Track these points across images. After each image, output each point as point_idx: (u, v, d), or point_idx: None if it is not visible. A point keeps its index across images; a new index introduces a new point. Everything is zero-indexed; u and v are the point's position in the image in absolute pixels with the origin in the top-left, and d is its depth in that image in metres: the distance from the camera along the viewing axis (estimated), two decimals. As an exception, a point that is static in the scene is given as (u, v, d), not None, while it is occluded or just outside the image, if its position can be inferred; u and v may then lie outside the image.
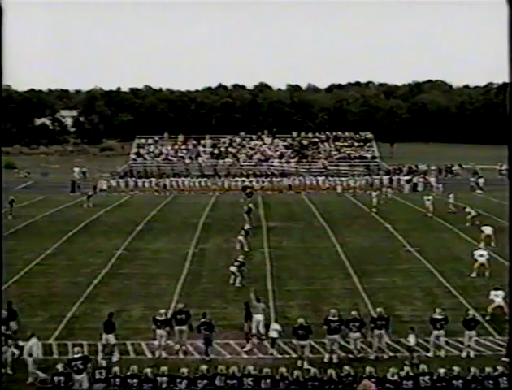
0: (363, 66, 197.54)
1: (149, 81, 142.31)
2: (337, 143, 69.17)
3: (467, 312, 20.64)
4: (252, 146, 68.98)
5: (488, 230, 32.03)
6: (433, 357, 18.56)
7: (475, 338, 19.18)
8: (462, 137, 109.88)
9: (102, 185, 56.60)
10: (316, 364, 17.74)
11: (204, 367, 16.49)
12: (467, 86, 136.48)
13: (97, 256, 31.37)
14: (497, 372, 16.18)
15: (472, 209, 38.64)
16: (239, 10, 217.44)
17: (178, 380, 16.14)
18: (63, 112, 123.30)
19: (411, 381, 16.05)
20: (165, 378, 16.16)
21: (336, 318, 18.96)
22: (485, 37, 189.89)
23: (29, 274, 28.03)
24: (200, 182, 57.72)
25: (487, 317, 21.36)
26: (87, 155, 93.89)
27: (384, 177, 58.61)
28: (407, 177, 58.35)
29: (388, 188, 53.10)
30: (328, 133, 71.86)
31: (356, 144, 69.17)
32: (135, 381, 16.12)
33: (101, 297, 24.73)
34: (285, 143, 69.37)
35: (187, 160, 66.13)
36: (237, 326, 20.93)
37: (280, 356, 18.99)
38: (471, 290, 25.10)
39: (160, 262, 30.25)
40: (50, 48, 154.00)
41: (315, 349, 19.26)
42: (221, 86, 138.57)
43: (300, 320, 19.10)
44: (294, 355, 18.73)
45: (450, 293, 24.77)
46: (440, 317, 19.21)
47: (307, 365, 17.99)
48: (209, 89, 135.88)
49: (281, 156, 66.42)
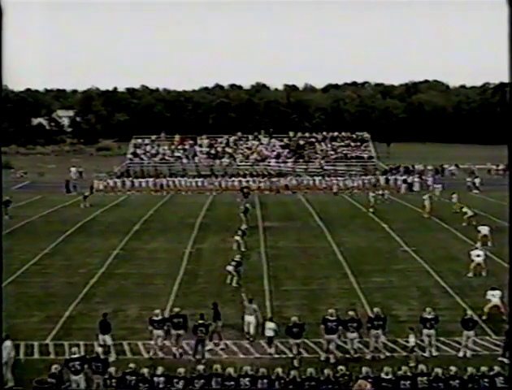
0: (360, 66, 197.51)
1: (145, 81, 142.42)
2: (334, 143, 69.23)
3: (465, 312, 20.67)
4: (249, 146, 68.98)
5: (485, 230, 32.08)
6: (430, 357, 18.58)
7: (473, 338, 19.20)
8: (459, 137, 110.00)
9: (99, 185, 56.61)
10: (313, 364, 17.73)
11: (201, 367, 16.48)
12: (464, 86, 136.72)
13: (93, 256, 31.35)
14: (493, 372, 16.17)
15: (469, 209, 38.68)
16: (236, 10, 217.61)
17: (175, 380, 16.11)
18: (60, 112, 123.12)
19: (409, 381, 16.04)
20: (162, 378, 16.13)
21: (334, 318, 18.98)
22: (482, 37, 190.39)
23: (26, 274, 27.99)
24: (197, 182, 57.69)
25: (483, 317, 21.37)
26: (83, 155, 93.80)
27: (381, 177, 58.71)
28: (403, 177, 58.45)
29: (385, 189, 53.14)
30: (325, 133, 71.93)
31: (353, 144, 69.21)
32: (133, 378, 16.11)
33: (97, 297, 24.71)
34: (282, 143, 69.38)
35: (184, 160, 66.11)
36: (234, 326, 20.93)
37: (277, 356, 19.00)
38: (468, 290, 25.13)
39: (157, 262, 30.23)
40: (47, 48, 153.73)
41: (312, 349, 19.29)
42: (218, 86, 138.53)
43: (293, 318, 19.17)
44: (291, 355, 18.74)
45: (447, 293, 24.79)
46: (430, 317, 19.24)
47: (297, 363, 18.10)
48: (205, 89, 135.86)
49: (278, 156, 66.43)
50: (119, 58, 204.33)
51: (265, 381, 16.04)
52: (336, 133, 71.61)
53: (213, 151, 67.65)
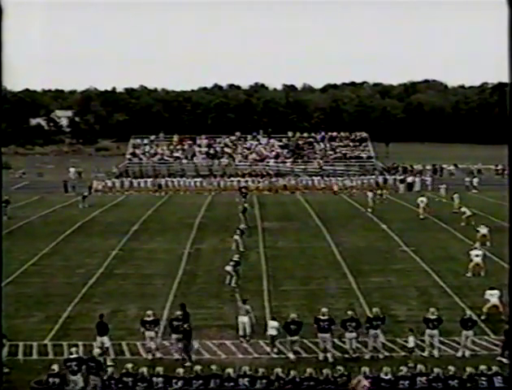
0: (358, 66, 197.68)
1: (144, 81, 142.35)
2: (333, 143, 69.24)
3: (464, 312, 20.67)
4: (247, 146, 68.97)
5: (484, 230, 32.09)
6: (428, 357, 18.58)
7: (472, 338, 19.20)
8: (458, 137, 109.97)
9: (97, 185, 56.60)
10: (312, 364, 17.74)
11: (199, 368, 16.47)
12: (462, 86, 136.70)
13: (92, 256, 31.33)
14: (492, 371, 16.18)
15: (468, 209, 38.70)
16: (234, 10, 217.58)
17: (174, 381, 16.11)
18: (58, 112, 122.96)
19: (408, 381, 16.05)
20: (160, 378, 16.13)
21: (326, 318, 19.01)
22: (481, 37, 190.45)
23: (25, 274, 27.98)
24: (195, 182, 57.68)
25: (482, 316, 21.38)
26: (82, 155, 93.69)
27: (379, 177, 58.77)
28: (401, 177, 58.50)
29: (384, 189, 53.17)
30: (324, 133, 71.90)
31: (351, 144, 69.21)
32: (130, 379, 16.09)
33: (96, 298, 24.70)
34: (281, 143, 69.37)
35: (182, 160, 66.09)
36: (233, 326, 20.91)
37: (276, 356, 19.00)
38: (467, 290, 25.13)
39: (156, 262, 30.21)
40: (45, 48, 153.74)
41: (310, 349, 19.30)
42: (216, 86, 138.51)
43: (292, 315, 19.24)
44: (288, 353, 18.76)
45: (445, 293, 24.79)
46: (434, 317, 19.22)
47: (292, 357, 18.18)
48: (204, 89, 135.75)
49: (277, 156, 66.42)
50: (118, 59, 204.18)
51: (264, 381, 16.05)
52: (335, 133, 71.64)
53: (212, 151, 67.63)
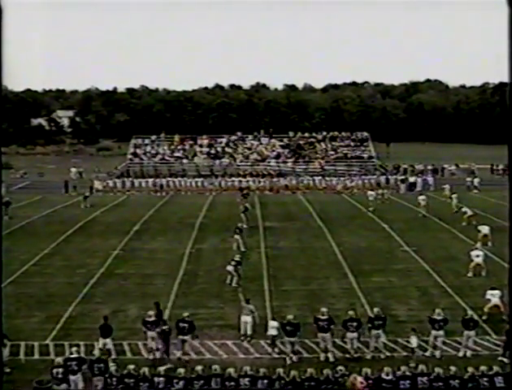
0: (359, 66, 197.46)
1: (145, 81, 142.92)
2: (334, 143, 69.21)
3: (466, 312, 20.66)
4: (248, 146, 68.96)
5: (485, 229, 32.06)
6: (430, 357, 18.57)
7: (473, 338, 19.19)
8: (459, 137, 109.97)
9: (99, 185, 56.63)
10: (313, 364, 17.74)
11: (200, 368, 16.47)
12: (463, 86, 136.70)
13: (93, 256, 31.34)
14: (493, 371, 16.16)
15: (469, 208, 38.68)
16: (235, 10, 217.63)
17: (175, 381, 16.12)
18: (60, 112, 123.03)
19: (408, 381, 16.05)
20: (162, 378, 16.14)
21: (326, 317, 19.01)
22: (481, 37, 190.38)
23: (26, 274, 27.98)
24: (196, 182, 57.65)
25: (483, 316, 21.36)
26: (83, 155, 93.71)
27: (381, 177, 58.77)
28: (402, 177, 58.51)
29: (385, 189, 53.16)
30: (325, 133, 71.92)
31: (352, 144, 69.20)
32: (131, 381, 16.10)
33: (97, 298, 24.70)
34: (282, 143, 69.33)
35: (183, 160, 66.09)
36: (234, 326, 20.91)
37: (277, 356, 19.00)
38: (468, 290, 25.11)
39: (157, 262, 30.22)
40: (46, 48, 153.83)
41: (312, 349, 19.30)
42: (217, 86, 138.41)
43: (289, 316, 19.23)
44: (291, 355, 18.75)
45: (446, 293, 24.78)
46: (440, 318, 19.19)
47: (289, 360, 18.17)
48: (205, 89, 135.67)
49: (278, 156, 66.41)
50: (119, 59, 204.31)
51: (265, 381, 16.05)
52: (336, 133, 71.62)
53: (213, 151, 67.63)
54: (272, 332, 19.47)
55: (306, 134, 72.55)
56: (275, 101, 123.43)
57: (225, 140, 70.41)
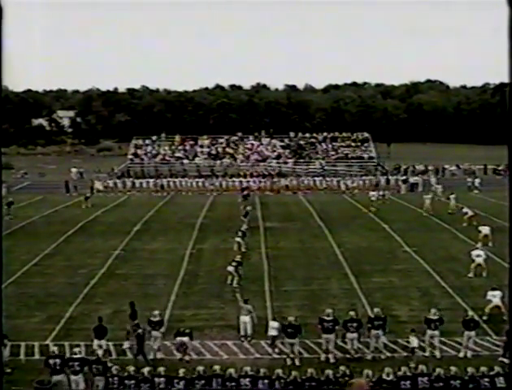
0: (360, 66, 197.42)
1: (146, 82, 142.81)
2: (334, 143, 69.21)
3: (466, 312, 20.65)
4: (249, 147, 68.97)
5: (486, 230, 32.05)
6: (429, 357, 18.56)
7: (474, 339, 19.18)
8: (459, 137, 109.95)
9: (99, 186, 56.65)
10: (314, 364, 17.73)
11: (201, 368, 16.47)
12: (464, 86, 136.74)
13: (94, 256, 31.34)
14: (494, 372, 16.16)
15: (469, 209, 38.65)
16: (236, 10, 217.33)
17: (175, 381, 16.12)
18: (60, 113, 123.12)
19: (409, 381, 16.05)
20: (162, 378, 16.15)
21: (331, 318, 18.99)
22: (482, 38, 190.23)
23: (26, 274, 27.99)
24: (197, 182, 57.64)
25: (484, 317, 21.36)
26: (84, 156, 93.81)
27: (381, 177, 58.79)
28: (403, 177, 58.51)
29: (386, 190, 53.18)
30: (326, 133, 71.91)
31: (353, 144, 69.19)
32: (132, 382, 16.11)
33: (98, 298, 24.71)
34: (282, 143, 69.34)
35: (184, 160, 66.09)
36: (235, 326, 20.90)
37: (278, 356, 19.00)
38: (468, 290, 25.11)
39: (157, 263, 30.22)
40: (47, 48, 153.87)
41: (312, 349, 19.29)
42: (218, 86, 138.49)
43: (289, 318, 19.20)
44: (292, 355, 18.75)
45: (447, 293, 24.77)
46: (435, 318, 19.21)
47: (290, 362, 18.17)
48: (206, 90, 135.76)
49: (278, 156, 66.42)
50: (120, 59, 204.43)
51: (265, 381, 16.06)
52: (337, 133, 71.61)
53: (213, 151, 67.64)
54: (273, 333, 19.47)
55: (307, 134, 72.58)
56: (275, 101, 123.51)
57: (226, 140, 70.44)
